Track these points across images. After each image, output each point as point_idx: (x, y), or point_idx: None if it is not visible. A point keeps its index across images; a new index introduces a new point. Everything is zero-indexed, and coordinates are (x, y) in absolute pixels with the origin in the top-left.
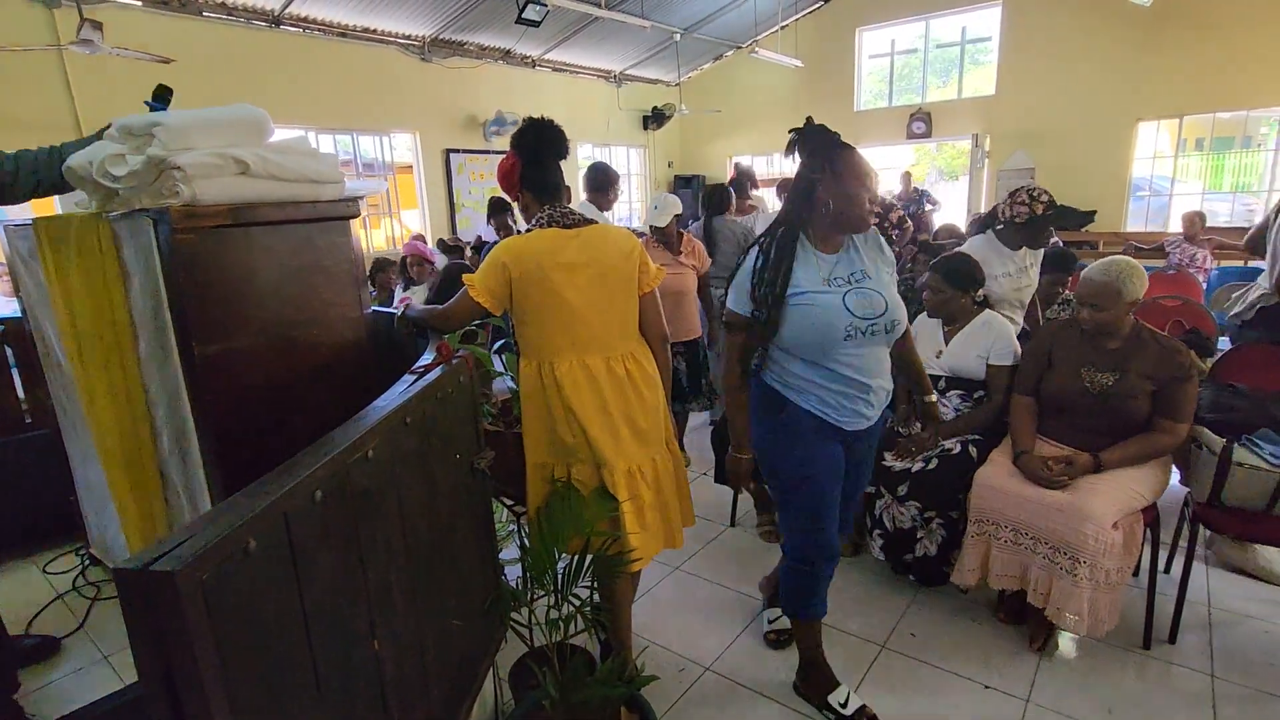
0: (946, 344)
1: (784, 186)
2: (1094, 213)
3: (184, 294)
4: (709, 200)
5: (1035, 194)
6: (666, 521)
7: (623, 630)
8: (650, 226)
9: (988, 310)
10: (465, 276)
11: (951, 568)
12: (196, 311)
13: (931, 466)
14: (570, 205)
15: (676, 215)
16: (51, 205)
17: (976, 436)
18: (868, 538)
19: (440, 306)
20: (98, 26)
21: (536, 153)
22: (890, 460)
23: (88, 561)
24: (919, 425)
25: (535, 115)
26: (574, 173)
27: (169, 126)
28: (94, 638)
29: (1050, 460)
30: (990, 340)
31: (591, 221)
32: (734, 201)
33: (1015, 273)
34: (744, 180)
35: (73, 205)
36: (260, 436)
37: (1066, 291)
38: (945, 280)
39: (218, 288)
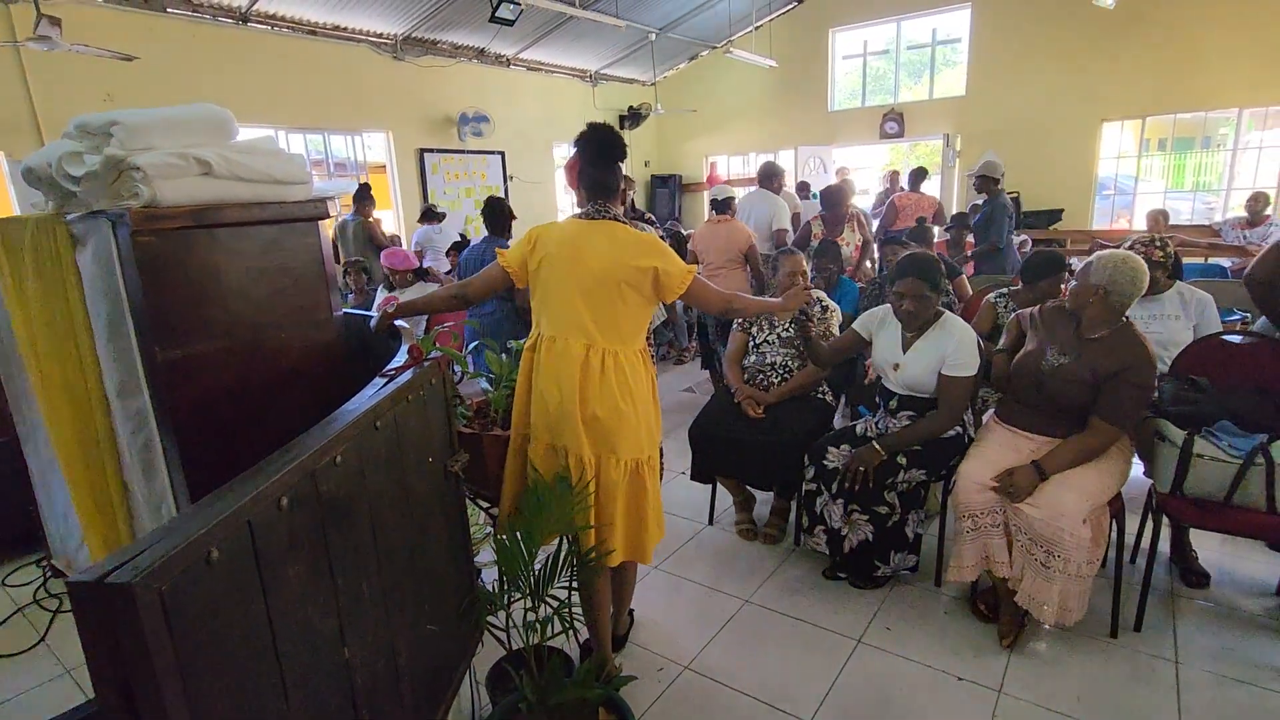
0: (905, 352)
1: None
2: (1061, 211)
3: (145, 297)
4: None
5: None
6: (607, 530)
7: (602, 630)
8: None
9: (948, 313)
10: (498, 249)
11: (880, 568)
12: (158, 315)
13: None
14: (607, 204)
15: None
16: (9, 207)
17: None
18: (805, 534)
19: (468, 279)
20: (56, 22)
21: (594, 154)
22: (831, 460)
23: (49, 573)
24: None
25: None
26: (551, 171)
27: (127, 125)
28: (56, 651)
29: (995, 479)
30: (950, 347)
31: (623, 222)
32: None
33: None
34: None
35: (29, 207)
36: (227, 443)
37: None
38: (922, 280)
39: (180, 291)
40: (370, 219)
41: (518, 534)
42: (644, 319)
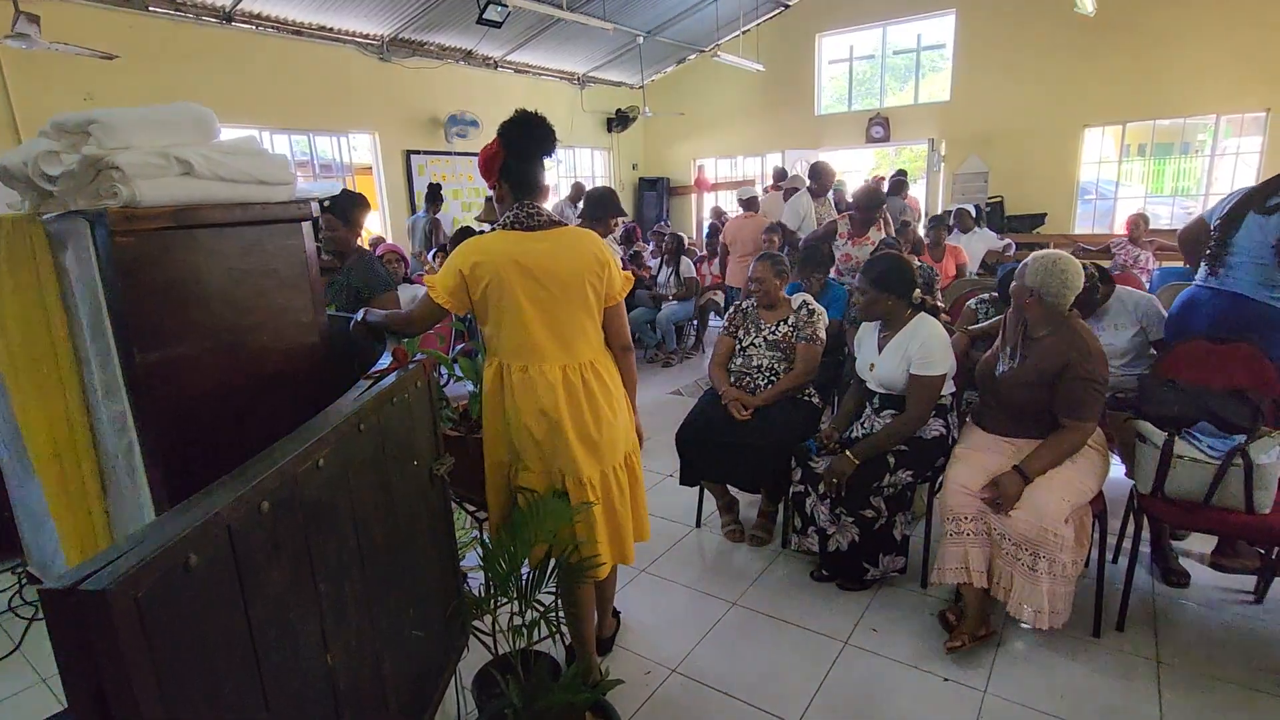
0: (880, 352)
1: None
2: (1045, 215)
3: (124, 299)
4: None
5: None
6: (618, 535)
7: (586, 637)
8: None
9: (922, 314)
10: (426, 278)
11: (869, 569)
12: (138, 317)
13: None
14: (544, 204)
15: None
16: None
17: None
18: (797, 535)
19: (402, 311)
20: (34, 19)
21: (523, 146)
22: (815, 465)
23: (25, 580)
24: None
25: (505, 114)
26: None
27: (106, 124)
28: (32, 660)
29: (982, 489)
30: (915, 346)
31: (560, 223)
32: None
33: None
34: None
35: (4, 206)
36: (208, 447)
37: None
38: (869, 282)
39: (161, 292)
40: (436, 217)
41: (504, 547)
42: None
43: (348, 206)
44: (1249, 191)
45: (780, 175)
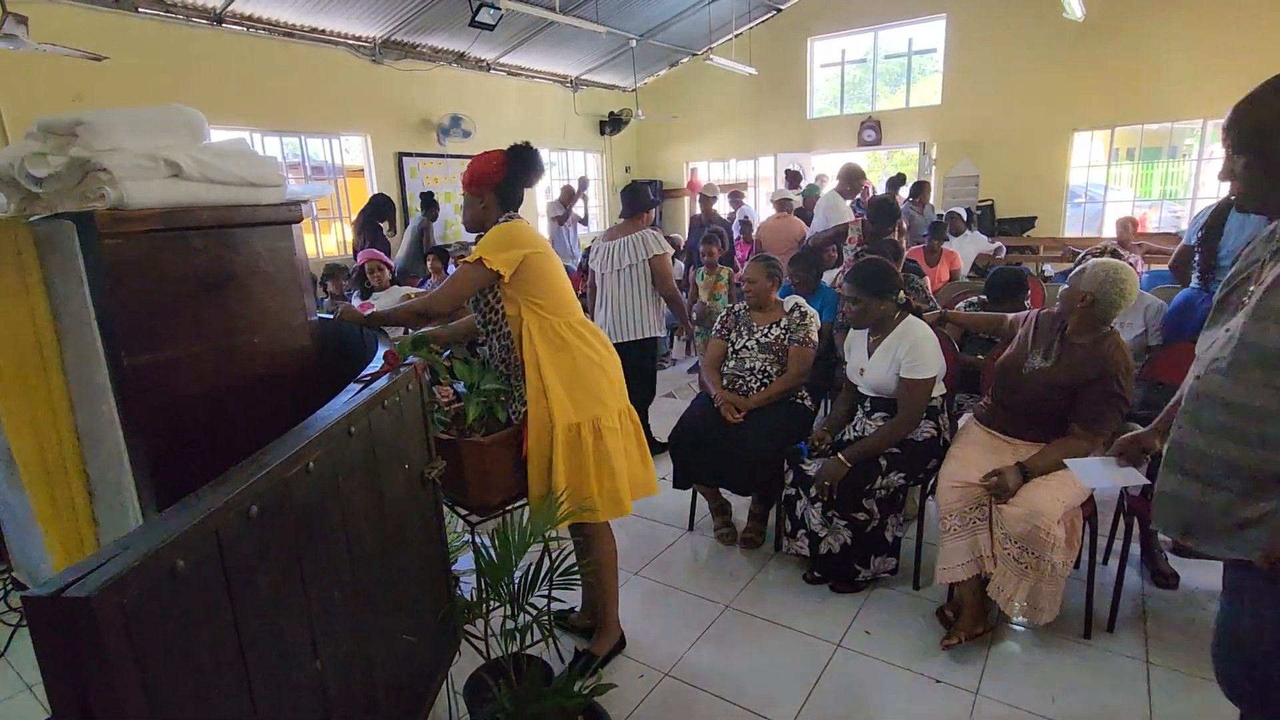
0: (869, 356)
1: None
2: (1035, 218)
3: (112, 302)
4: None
5: None
6: (645, 456)
7: (609, 597)
8: None
9: (909, 317)
10: (477, 252)
11: (860, 570)
12: (125, 320)
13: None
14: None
15: None
16: None
17: (894, 451)
18: (787, 539)
19: (417, 300)
20: (22, 21)
21: (522, 174)
22: (807, 466)
23: (10, 586)
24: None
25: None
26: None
27: (93, 126)
28: (16, 666)
29: (980, 481)
30: (904, 349)
31: None
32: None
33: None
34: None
35: None
36: (197, 450)
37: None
38: (859, 289)
39: (149, 295)
40: (430, 224)
41: (508, 535)
42: None
43: None
44: (1222, 200)
45: (794, 178)
